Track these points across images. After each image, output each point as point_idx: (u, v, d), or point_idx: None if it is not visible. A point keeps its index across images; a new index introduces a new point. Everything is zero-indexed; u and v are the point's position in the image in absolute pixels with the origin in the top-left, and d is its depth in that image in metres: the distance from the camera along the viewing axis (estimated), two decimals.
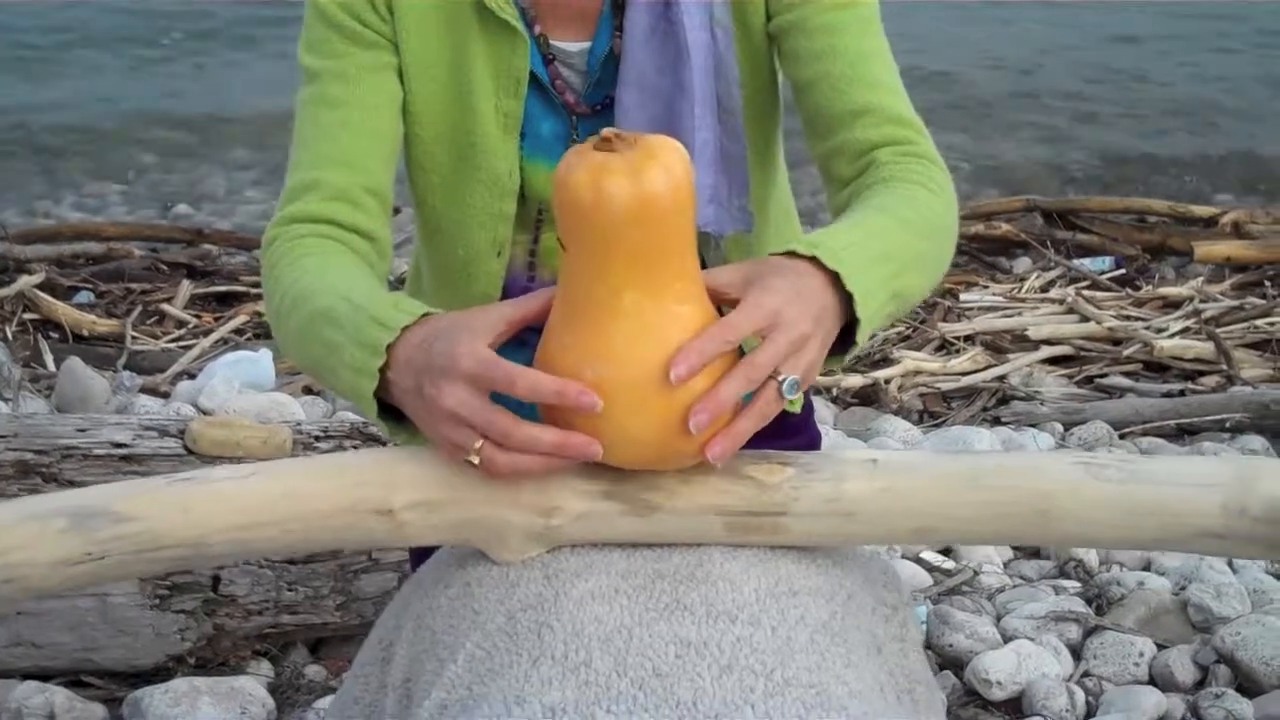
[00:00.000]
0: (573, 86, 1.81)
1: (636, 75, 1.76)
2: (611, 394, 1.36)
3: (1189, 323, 5.79)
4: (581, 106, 1.81)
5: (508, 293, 1.85)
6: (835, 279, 1.45)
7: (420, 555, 1.91)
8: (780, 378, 1.38)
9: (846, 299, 1.46)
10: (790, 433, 1.92)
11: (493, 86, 1.78)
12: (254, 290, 6.07)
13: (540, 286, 1.79)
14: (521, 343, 1.49)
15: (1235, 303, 6.00)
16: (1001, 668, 3.04)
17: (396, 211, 1.98)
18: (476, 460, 1.39)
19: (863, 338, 1.49)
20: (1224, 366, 5.40)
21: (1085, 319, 5.82)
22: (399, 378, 1.44)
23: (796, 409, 1.99)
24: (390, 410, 1.51)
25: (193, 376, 5.01)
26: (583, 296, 1.38)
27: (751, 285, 1.41)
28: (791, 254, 1.46)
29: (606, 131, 1.35)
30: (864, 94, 1.74)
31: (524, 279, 1.88)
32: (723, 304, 1.42)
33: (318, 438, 3.12)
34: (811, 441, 2.08)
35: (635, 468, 1.43)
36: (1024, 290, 6.30)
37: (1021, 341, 5.70)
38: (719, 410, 1.36)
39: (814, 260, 1.45)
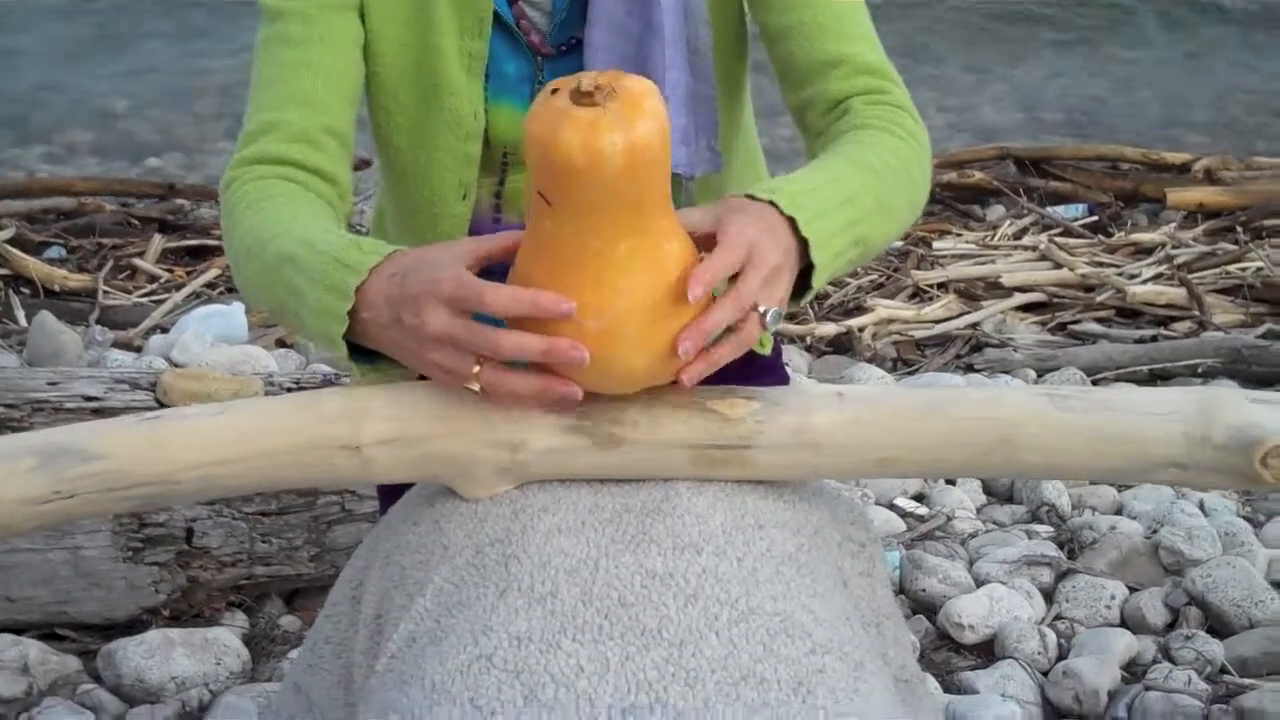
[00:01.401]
0: (538, 27, 1.80)
1: (606, 15, 1.76)
2: (614, 336, 1.36)
3: (1161, 269, 5.80)
4: (547, 47, 1.80)
5: (474, 235, 1.83)
6: (793, 223, 1.46)
7: (388, 500, 1.91)
8: (761, 309, 1.39)
9: (804, 243, 1.46)
10: (759, 373, 1.93)
11: (456, 26, 1.77)
12: None
13: (506, 229, 1.79)
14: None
15: (1207, 249, 6.02)
16: (974, 611, 3.05)
17: (367, 164, 1.97)
18: (477, 386, 1.39)
19: (818, 281, 1.50)
20: (1196, 312, 5.41)
21: (1058, 266, 5.83)
22: (374, 314, 1.43)
23: (766, 349, 2.00)
24: (361, 352, 1.51)
25: (165, 331, 5.00)
26: (574, 250, 1.37)
27: (724, 221, 1.42)
28: (750, 198, 1.46)
29: (586, 82, 1.34)
30: (837, 45, 1.74)
31: (489, 221, 1.87)
32: (695, 239, 1.43)
33: (289, 389, 3.11)
34: (781, 383, 2.08)
35: (613, 393, 1.43)
36: (997, 238, 6.30)
37: (995, 289, 5.71)
38: (706, 338, 1.37)
39: (772, 204, 1.46)
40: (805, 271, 1.49)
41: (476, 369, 1.39)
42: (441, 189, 1.83)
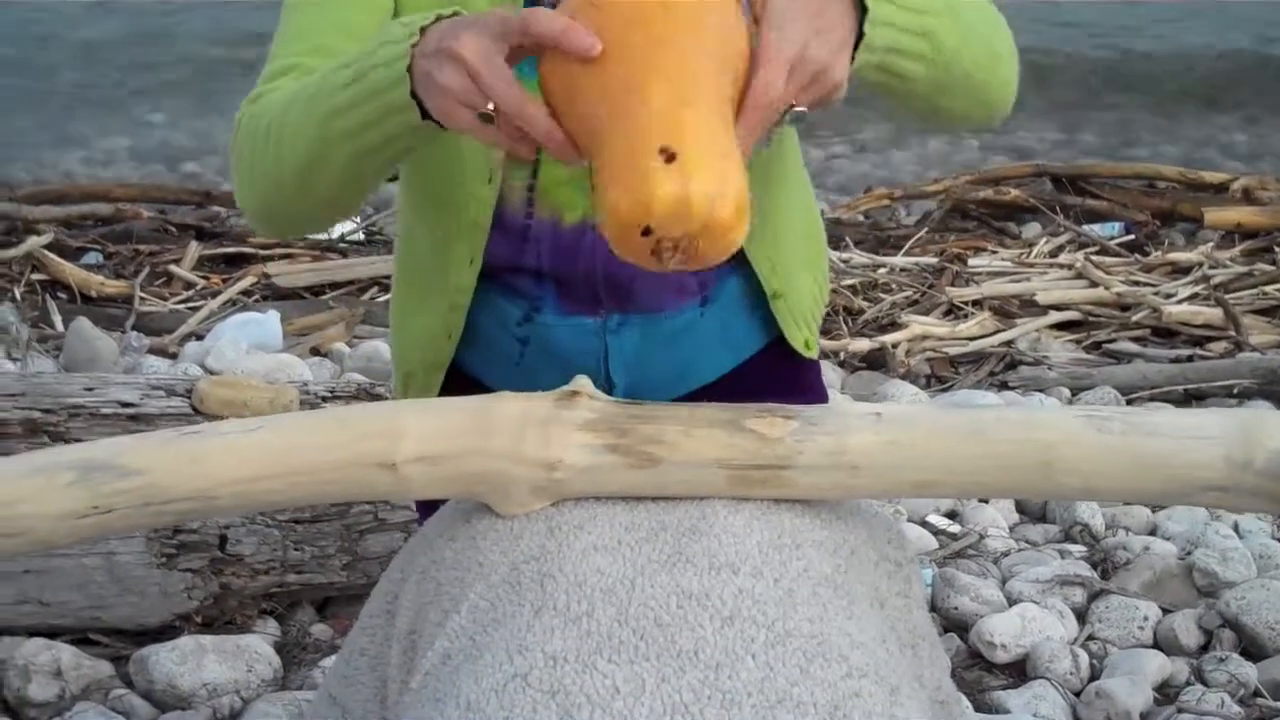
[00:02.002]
0: None
1: None
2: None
3: (1198, 288, 5.78)
4: None
5: (505, 233, 1.80)
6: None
7: (428, 511, 1.91)
8: (793, 107, 1.39)
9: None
10: (798, 392, 1.93)
11: None
12: (262, 252, 6.07)
13: (538, 225, 1.78)
14: None
15: (1244, 269, 5.99)
16: (1006, 630, 3.04)
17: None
18: (489, 106, 1.39)
19: (880, 40, 1.46)
20: (1232, 332, 5.39)
21: (1094, 284, 5.81)
22: (421, 49, 1.43)
23: (813, 351, 1.98)
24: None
25: (200, 337, 5.02)
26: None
27: (766, 20, 1.39)
28: None
29: None
30: None
31: (521, 218, 1.80)
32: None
33: (324, 398, 3.12)
34: (819, 401, 2.07)
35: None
36: (1033, 255, 6.29)
37: (1030, 306, 5.69)
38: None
39: None
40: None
41: (490, 105, 1.38)
42: (466, 168, 1.78)
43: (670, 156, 1.28)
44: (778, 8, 1.39)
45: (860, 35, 1.45)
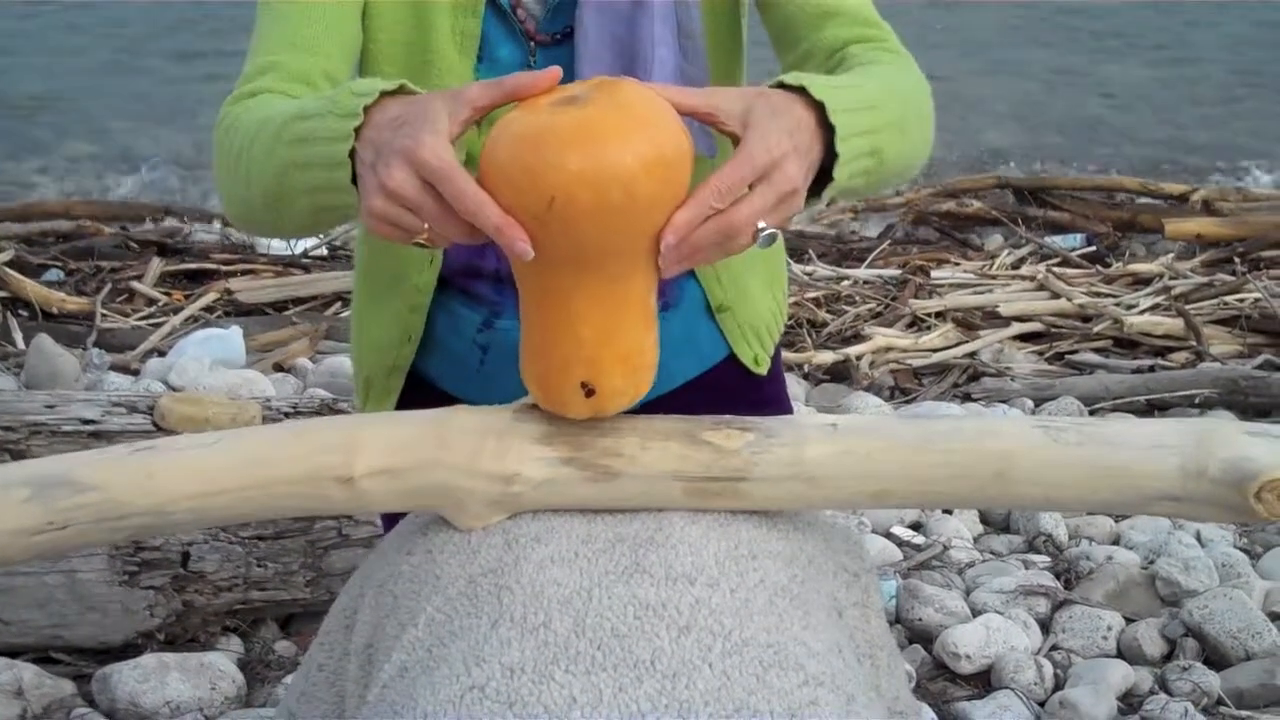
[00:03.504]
0: (532, 13, 1.80)
1: None
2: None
3: (1159, 299, 5.81)
4: (541, 35, 1.80)
5: None
6: (820, 114, 1.44)
7: (393, 525, 1.91)
8: (761, 228, 1.38)
9: (828, 138, 1.45)
10: (760, 404, 1.93)
11: (451, 4, 1.77)
12: (224, 268, 6.07)
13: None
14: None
15: (1205, 279, 6.03)
16: (970, 641, 3.05)
17: None
18: (424, 238, 1.38)
19: (842, 176, 1.47)
20: (1193, 343, 5.42)
21: (1056, 295, 5.85)
22: (363, 149, 1.40)
23: (762, 369, 1.99)
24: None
25: (163, 354, 5.01)
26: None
27: (750, 129, 1.39)
28: (780, 85, 1.45)
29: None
30: None
31: None
32: (720, 130, 1.42)
33: (287, 414, 3.12)
34: (783, 414, 2.07)
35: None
36: (995, 267, 6.32)
37: (992, 318, 5.72)
38: (691, 250, 1.36)
39: (802, 93, 1.44)
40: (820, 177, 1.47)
41: (426, 226, 1.36)
42: None
43: (590, 392, 1.41)
44: (759, 121, 1.40)
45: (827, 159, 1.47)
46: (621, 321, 1.41)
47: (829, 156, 1.46)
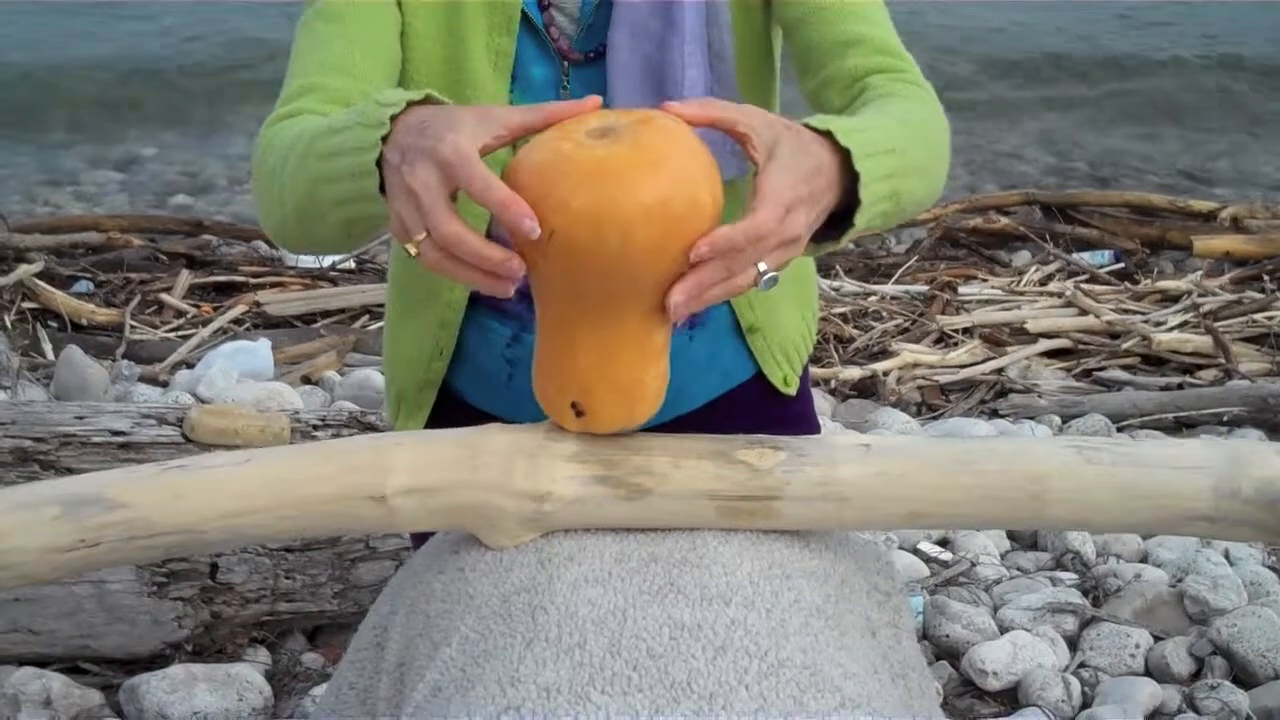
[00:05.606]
0: (566, 33, 1.81)
1: (629, 17, 1.77)
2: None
3: (1187, 316, 5.79)
4: (574, 53, 1.81)
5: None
6: (844, 159, 1.45)
7: (421, 540, 1.91)
8: (763, 271, 1.38)
9: (848, 182, 1.45)
10: (787, 423, 1.93)
11: (485, 22, 1.78)
12: (253, 280, 6.07)
13: None
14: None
15: (1233, 297, 6.01)
16: (998, 658, 3.04)
17: None
18: (414, 250, 1.38)
19: (861, 222, 1.48)
20: (1222, 360, 5.40)
21: (1084, 312, 5.83)
22: (390, 152, 1.41)
23: (792, 389, 1.99)
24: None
25: (191, 366, 5.02)
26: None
27: (768, 171, 1.39)
28: (807, 127, 1.45)
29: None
30: (854, 25, 1.76)
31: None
32: (745, 151, 1.42)
33: (315, 426, 3.12)
34: (811, 432, 2.08)
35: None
36: (1023, 283, 6.30)
37: (1020, 334, 5.70)
38: (702, 291, 1.37)
39: (827, 136, 1.45)
40: (840, 217, 1.48)
41: (421, 236, 1.36)
42: None
43: (580, 413, 1.44)
44: (781, 157, 1.40)
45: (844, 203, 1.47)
46: (617, 357, 1.42)
47: (847, 198, 1.46)
